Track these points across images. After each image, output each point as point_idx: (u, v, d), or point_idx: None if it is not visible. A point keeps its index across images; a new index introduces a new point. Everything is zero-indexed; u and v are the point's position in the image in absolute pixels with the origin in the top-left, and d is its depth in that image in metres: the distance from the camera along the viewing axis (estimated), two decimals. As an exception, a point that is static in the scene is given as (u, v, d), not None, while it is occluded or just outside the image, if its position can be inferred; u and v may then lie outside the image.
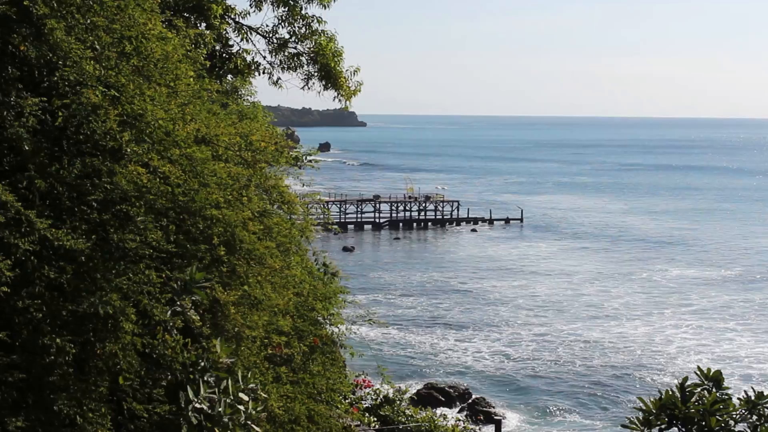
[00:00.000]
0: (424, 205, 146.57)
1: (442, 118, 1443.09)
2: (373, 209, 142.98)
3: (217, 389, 8.09)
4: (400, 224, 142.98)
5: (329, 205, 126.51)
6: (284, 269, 10.19)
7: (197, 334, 8.23)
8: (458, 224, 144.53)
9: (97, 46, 8.18)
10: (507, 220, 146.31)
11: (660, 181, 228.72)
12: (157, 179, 7.99)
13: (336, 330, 13.43)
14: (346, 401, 16.58)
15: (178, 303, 8.06)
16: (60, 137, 7.65)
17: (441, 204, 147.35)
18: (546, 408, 57.24)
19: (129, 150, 7.75)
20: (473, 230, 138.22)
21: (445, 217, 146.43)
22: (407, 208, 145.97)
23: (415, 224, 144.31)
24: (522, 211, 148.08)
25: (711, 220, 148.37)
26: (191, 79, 9.53)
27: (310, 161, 14.21)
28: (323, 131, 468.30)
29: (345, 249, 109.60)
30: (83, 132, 7.64)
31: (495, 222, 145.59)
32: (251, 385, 8.42)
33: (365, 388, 19.73)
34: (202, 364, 8.13)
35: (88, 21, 8.11)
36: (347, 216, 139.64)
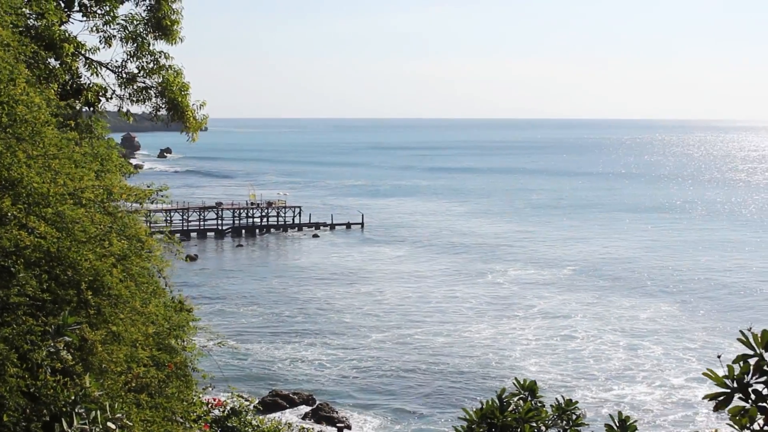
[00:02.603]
0: (266, 211, 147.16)
1: (284, 121, 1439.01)
2: (215, 216, 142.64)
3: (87, 420, 9.06)
4: (243, 231, 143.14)
5: (171, 213, 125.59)
6: (144, 306, 11.25)
7: (71, 372, 9.21)
8: (300, 229, 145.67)
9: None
10: (348, 225, 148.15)
11: (496, 183, 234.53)
12: (34, 237, 8.96)
13: (189, 355, 14.52)
14: (194, 415, 17.47)
15: (53, 344, 9.03)
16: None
17: (283, 210, 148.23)
18: (389, 413, 58.55)
19: (10, 214, 8.73)
20: (315, 236, 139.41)
21: (287, 222, 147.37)
22: (250, 214, 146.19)
23: (257, 230, 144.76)
24: (363, 215, 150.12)
25: (545, 222, 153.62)
26: (58, 138, 10.51)
27: (162, 196, 15.14)
28: (164, 136, 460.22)
29: (188, 258, 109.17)
30: (-34, 199, 8.58)
31: (336, 227, 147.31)
32: (118, 415, 9.39)
33: (216, 406, 20.61)
34: (74, 397, 9.09)
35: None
36: (190, 224, 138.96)
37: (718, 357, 6.88)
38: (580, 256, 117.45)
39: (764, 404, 6.11)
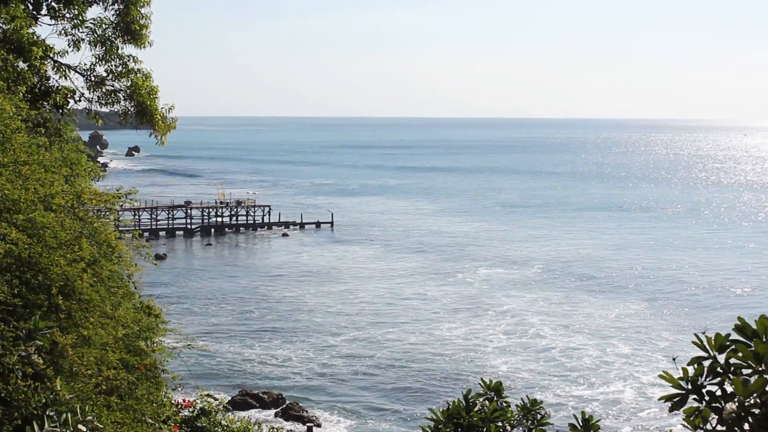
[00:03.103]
0: (235, 210, 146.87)
1: (257, 119, 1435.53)
2: (184, 215, 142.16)
3: (58, 423, 9.22)
4: (212, 230, 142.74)
5: (140, 213, 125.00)
6: (114, 310, 11.41)
7: (42, 376, 9.37)
8: (270, 228, 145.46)
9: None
10: (318, 224, 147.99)
11: (466, 182, 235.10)
12: (5, 243, 9.13)
13: (158, 357, 14.69)
14: (164, 415, 17.57)
15: (24, 349, 9.18)
16: None
17: (252, 209, 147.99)
18: (359, 412, 58.65)
19: (-18, 221, 8.90)
20: (285, 234, 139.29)
21: (256, 221, 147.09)
22: (219, 213, 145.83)
23: (227, 229, 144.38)
24: (332, 214, 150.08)
25: (515, 221, 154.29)
26: (27, 144, 10.66)
27: (131, 199, 15.30)
28: (132, 134, 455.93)
29: (157, 257, 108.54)
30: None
31: (306, 226, 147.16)
32: (89, 417, 9.55)
33: (185, 407, 20.73)
34: (45, 401, 9.25)
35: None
36: (158, 223, 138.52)
37: (674, 359, 7.14)
38: (550, 255, 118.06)
39: (717, 405, 6.33)
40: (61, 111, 19.30)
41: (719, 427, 6.17)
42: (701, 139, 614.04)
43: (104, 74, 19.49)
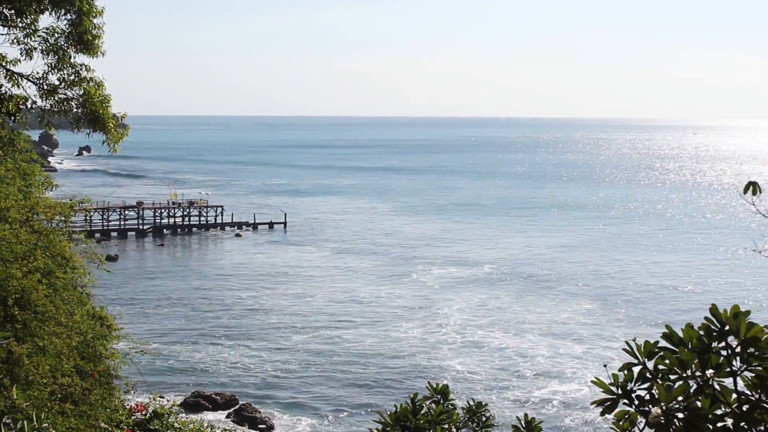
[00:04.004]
0: (187, 210, 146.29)
1: (210, 118, 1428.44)
2: (136, 216, 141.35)
3: (15, 430, 9.46)
4: (165, 230, 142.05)
5: (91, 213, 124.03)
6: (68, 318, 11.67)
7: (-2, 385, 9.64)
8: (222, 229, 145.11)
9: None
10: (271, 225, 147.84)
11: (418, 182, 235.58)
12: (-37, 257, 9.38)
13: (112, 363, 14.94)
14: (117, 420, 17.75)
15: (-20, 359, 9.43)
16: None
17: (205, 209, 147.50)
18: (312, 414, 58.76)
19: (-61, 236, 9.14)
20: (237, 235, 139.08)
21: (209, 222, 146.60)
22: (171, 214, 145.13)
23: (179, 230, 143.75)
24: (285, 215, 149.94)
25: (468, 221, 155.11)
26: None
27: (84, 208, 15.52)
28: (83, 134, 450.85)
29: (108, 258, 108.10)
30: None
31: (259, 226, 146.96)
32: (44, 424, 9.79)
33: (138, 411, 20.93)
34: (1, 408, 9.49)
35: None
36: (110, 223, 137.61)
37: (605, 366, 7.57)
38: (502, 255, 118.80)
39: (646, 409, 6.73)
40: (13, 119, 19.40)
41: (647, 430, 6.60)
42: (652, 138, 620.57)
43: (57, 83, 19.58)
